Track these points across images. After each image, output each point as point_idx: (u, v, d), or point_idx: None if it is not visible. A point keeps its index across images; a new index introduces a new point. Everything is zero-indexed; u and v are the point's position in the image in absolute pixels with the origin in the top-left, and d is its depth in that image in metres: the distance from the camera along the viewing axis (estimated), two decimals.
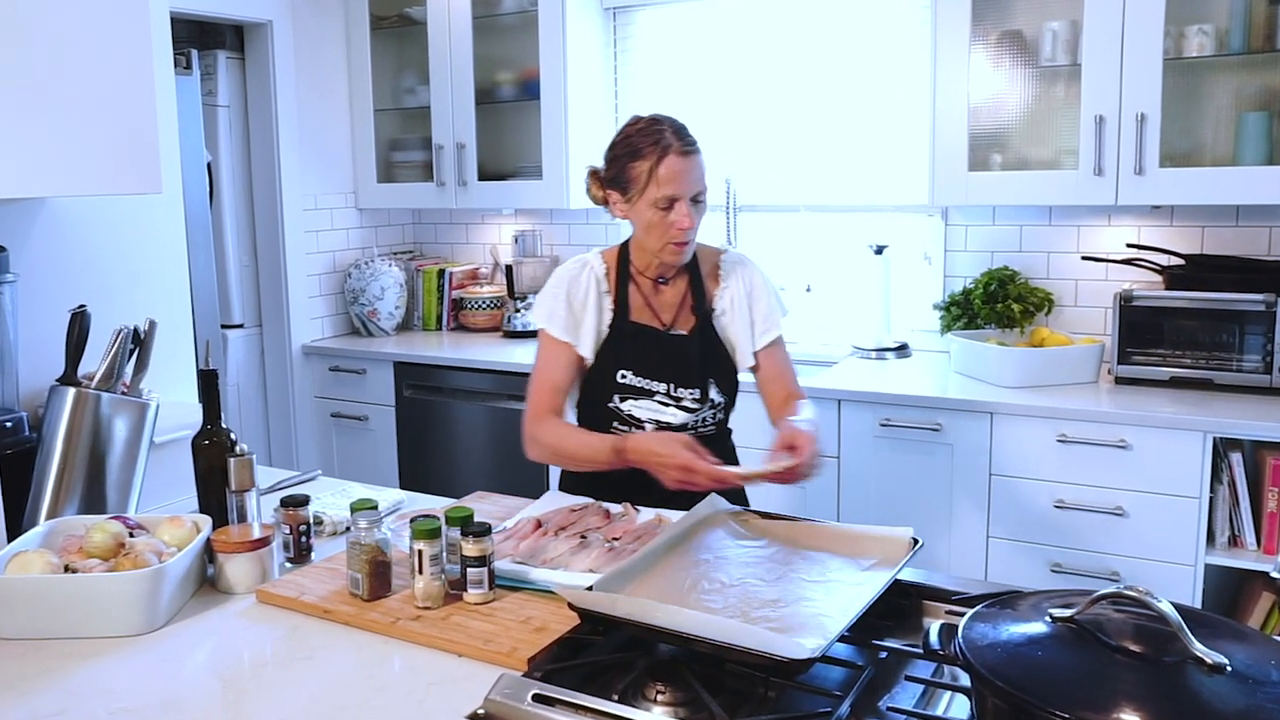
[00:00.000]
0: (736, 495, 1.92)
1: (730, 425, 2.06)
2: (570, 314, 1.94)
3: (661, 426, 1.93)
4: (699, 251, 2.00)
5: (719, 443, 2.03)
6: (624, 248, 2.01)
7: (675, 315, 1.98)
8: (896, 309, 3.34)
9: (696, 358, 1.95)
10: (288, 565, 1.66)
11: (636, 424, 1.94)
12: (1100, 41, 2.71)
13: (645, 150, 1.85)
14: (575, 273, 1.98)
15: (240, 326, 3.83)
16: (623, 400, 1.94)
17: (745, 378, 2.03)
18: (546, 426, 1.89)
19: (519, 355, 3.47)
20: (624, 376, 1.94)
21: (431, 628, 1.40)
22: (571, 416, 2.02)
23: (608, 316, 1.96)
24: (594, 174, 1.98)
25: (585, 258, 2.00)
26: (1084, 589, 1.15)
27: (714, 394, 1.97)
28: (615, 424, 1.95)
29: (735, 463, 2.01)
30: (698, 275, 2.00)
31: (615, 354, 1.95)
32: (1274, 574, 2.39)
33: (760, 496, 2.04)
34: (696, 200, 1.88)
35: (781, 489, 2.48)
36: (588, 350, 1.95)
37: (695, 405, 1.95)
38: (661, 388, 1.94)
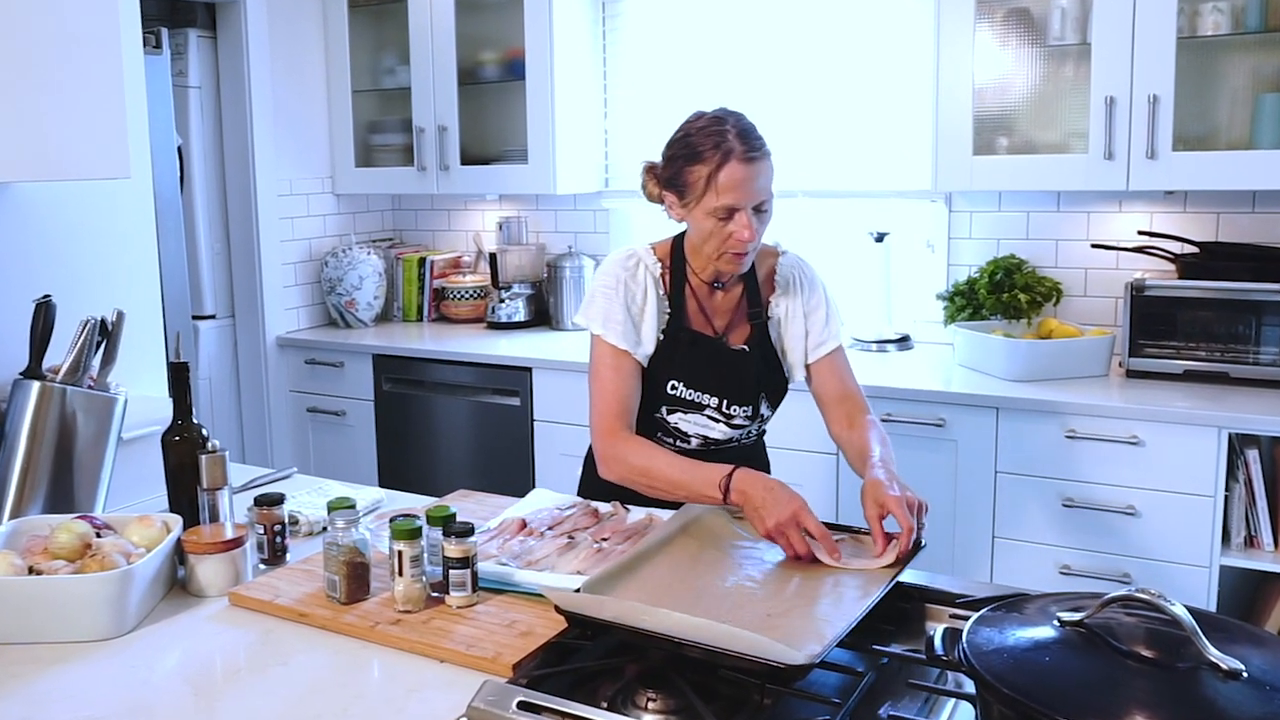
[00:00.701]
0: None
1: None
2: (628, 318, 1.82)
3: (708, 442, 1.88)
4: None
5: (755, 451, 1.99)
6: (677, 245, 1.90)
7: (729, 321, 1.89)
8: (898, 299, 3.31)
9: (754, 375, 1.88)
10: (261, 567, 1.65)
11: (682, 437, 1.88)
12: (1111, 19, 2.67)
13: (705, 154, 1.71)
14: (630, 270, 1.86)
15: (212, 317, 3.77)
16: (670, 412, 1.87)
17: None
18: (632, 447, 1.76)
19: (503, 347, 3.44)
20: (674, 388, 1.85)
21: (412, 632, 1.38)
22: None
23: (663, 321, 1.86)
24: (650, 170, 1.86)
25: (636, 252, 1.89)
26: (1094, 591, 1.14)
27: (764, 409, 1.91)
28: (659, 435, 1.88)
29: (768, 468, 1.98)
30: (753, 280, 1.90)
31: (668, 362, 1.85)
32: None
33: None
34: (759, 209, 1.74)
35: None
36: (645, 357, 1.84)
37: (745, 422, 1.89)
38: (713, 402, 1.86)
